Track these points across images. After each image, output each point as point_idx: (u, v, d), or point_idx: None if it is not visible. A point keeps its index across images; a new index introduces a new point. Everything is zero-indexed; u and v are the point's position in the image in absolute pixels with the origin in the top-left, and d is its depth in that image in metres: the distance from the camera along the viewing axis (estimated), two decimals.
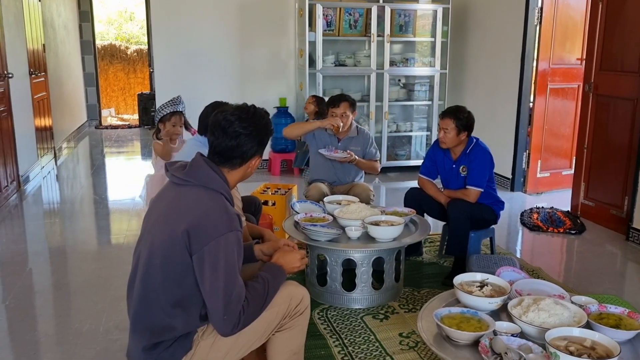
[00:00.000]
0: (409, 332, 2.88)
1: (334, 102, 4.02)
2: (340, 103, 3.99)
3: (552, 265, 4.01)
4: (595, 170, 4.82)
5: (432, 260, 3.92)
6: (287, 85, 6.65)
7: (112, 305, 3.24)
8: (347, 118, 4.01)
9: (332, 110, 4.02)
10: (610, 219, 4.64)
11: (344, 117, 3.99)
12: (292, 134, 4.12)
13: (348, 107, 4.00)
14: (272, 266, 2.03)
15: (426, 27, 6.51)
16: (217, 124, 1.94)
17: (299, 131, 4.11)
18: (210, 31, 6.37)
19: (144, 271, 1.86)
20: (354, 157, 3.96)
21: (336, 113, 3.99)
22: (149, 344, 1.86)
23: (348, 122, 4.04)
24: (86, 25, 10.58)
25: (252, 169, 2.04)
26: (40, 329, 3.01)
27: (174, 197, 1.91)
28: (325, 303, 3.21)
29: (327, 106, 4.11)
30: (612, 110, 4.64)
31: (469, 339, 1.99)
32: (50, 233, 4.66)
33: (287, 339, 2.06)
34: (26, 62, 6.20)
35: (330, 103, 4.07)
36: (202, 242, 1.78)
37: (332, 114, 4.00)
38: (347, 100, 4.02)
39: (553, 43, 5.42)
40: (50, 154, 7.10)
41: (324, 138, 4.09)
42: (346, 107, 3.99)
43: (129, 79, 12.84)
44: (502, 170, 5.84)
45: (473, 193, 3.58)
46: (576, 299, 2.27)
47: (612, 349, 1.84)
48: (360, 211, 3.30)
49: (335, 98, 4.06)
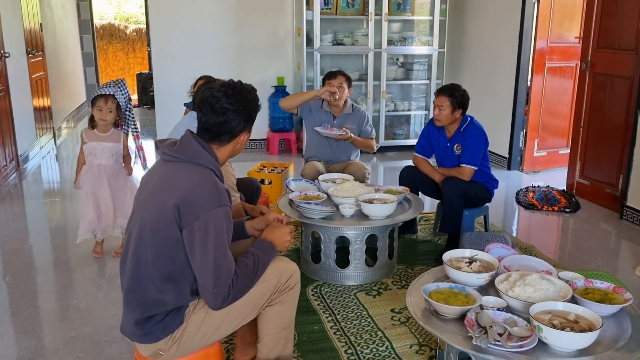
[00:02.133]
0: (401, 308, 2.93)
1: (330, 75, 4.10)
2: (336, 75, 4.07)
3: (546, 243, 4.04)
4: (591, 149, 4.83)
5: (427, 238, 3.95)
6: (285, 65, 6.63)
7: (109, 281, 3.29)
8: (343, 91, 4.04)
9: (328, 82, 4.07)
10: (605, 197, 4.66)
11: (340, 89, 4.03)
12: (290, 105, 4.10)
13: (344, 80, 4.06)
14: (262, 242, 2.07)
15: (424, 5, 6.46)
16: (205, 101, 1.96)
17: (295, 101, 4.09)
18: (207, 10, 6.34)
19: (135, 246, 1.90)
20: (350, 134, 3.98)
21: (332, 84, 4.03)
22: (141, 318, 1.90)
23: (344, 95, 4.06)
24: (84, 4, 10.49)
25: (241, 144, 2.06)
26: (40, 305, 3.06)
27: (163, 173, 1.94)
28: (319, 280, 3.26)
29: (323, 80, 4.18)
30: (608, 88, 4.63)
31: (456, 313, 2.02)
32: (49, 212, 4.70)
33: (277, 313, 2.10)
34: (23, 41, 6.18)
35: (326, 76, 4.14)
36: (192, 217, 1.81)
37: (329, 84, 4.05)
38: (343, 75, 4.09)
39: (551, 21, 5.39)
40: (49, 134, 7.11)
41: (320, 115, 4.11)
42: (342, 79, 4.05)
43: (128, 58, 12.81)
44: (499, 149, 5.86)
45: (467, 171, 3.60)
46: (563, 275, 2.30)
47: (595, 322, 1.87)
48: (354, 189, 3.32)
49: (331, 72, 4.14)
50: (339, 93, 3.99)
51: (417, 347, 2.59)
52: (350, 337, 2.68)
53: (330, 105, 4.10)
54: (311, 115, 4.12)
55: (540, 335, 1.83)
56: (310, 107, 4.12)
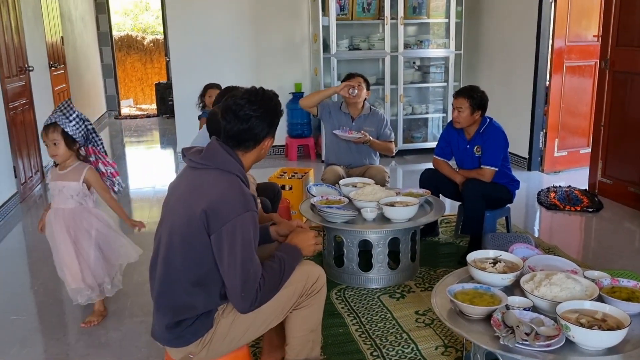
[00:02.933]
0: (425, 310, 2.93)
1: (348, 76, 4.16)
2: (354, 76, 4.12)
3: (570, 243, 4.02)
4: (613, 147, 4.79)
5: (449, 240, 3.95)
6: (302, 71, 6.68)
7: (136, 288, 3.34)
8: (362, 89, 4.07)
9: (346, 82, 4.10)
10: (628, 196, 4.62)
11: (359, 87, 4.06)
12: (309, 102, 4.16)
13: (362, 80, 4.10)
14: (287, 246, 2.09)
15: (440, 8, 6.46)
16: (228, 109, 2.00)
17: (315, 98, 4.16)
18: (224, 18, 6.42)
19: (165, 252, 1.94)
20: (368, 137, 4.00)
21: (351, 82, 4.06)
22: (172, 322, 1.94)
23: (362, 94, 4.09)
24: (103, 17, 10.69)
25: (265, 150, 2.10)
26: (68, 312, 3.13)
27: (191, 180, 1.98)
28: (343, 283, 3.28)
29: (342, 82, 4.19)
30: (629, 86, 4.59)
31: (482, 314, 2.03)
32: None
33: (304, 317, 2.12)
34: (46, 55, 6.31)
35: (344, 79, 4.18)
36: (219, 222, 1.84)
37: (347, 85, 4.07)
38: (361, 76, 4.14)
39: (569, 20, 5.36)
40: None
41: (338, 116, 4.14)
42: (360, 79, 4.09)
43: (146, 69, 12.96)
44: (519, 149, 5.83)
45: (488, 172, 3.60)
46: (589, 274, 2.29)
47: (623, 320, 1.87)
48: (375, 193, 3.34)
49: (349, 74, 4.20)
50: (357, 90, 4.03)
51: (442, 349, 2.60)
52: (376, 339, 2.69)
53: (349, 107, 4.12)
54: (330, 117, 4.15)
55: (568, 334, 1.84)
56: (330, 109, 4.15)
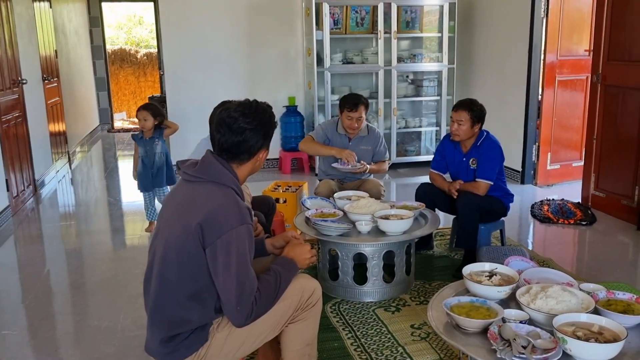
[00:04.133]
0: (421, 324, 2.92)
1: (351, 106, 3.95)
2: (357, 107, 3.94)
3: (564, 256, 4.02)
4: (605, 161, 4.82)
5: (443, 254, 3.95)
6: (295, 85, 6.70)
7: (129, 302, 3.31)
8: (362, 121, 4.01)
9: (348, 113, 3.96)
10: (621, 209, 4.64)
11: (360, 120, 3.98)
12: (307, 152, 4.41)
13: (364, 110, 3.98)
14: (283, 259, 2.09)
15: (433, 22, 6.53)
16: (222, 121, 2.00)
17: (312, 151, 4.29)
18: (218, 33, 6.44)
19: (160, 266, 1.92)
20: (367, 167, 3.99)
21: (352, 117, 3.96)
22: (167, 336, 1.92)
23: (362, 124, 4.05)
24: (96, 30, 10.69)
25: (260, 162, 2.09)
26: (60, 327, 3.09)
27: (186, 193, 1.97)
28: (338, 297, 3.26)
29: (341, 107, 4.03)
30: (620, 100, 4.64)
31: (478, 327, 2.02)
32: (66, 235, 4.75)
33: (300, 331, 2.11)
34: (39, 68, 6.30)
35: (345, 105, 3.98)
36: (214, 235, 1.83)
37: (348, 117, 3.97)
38: (364, 103, 3.98)
39: (560, 35, 5.42)
40: (64, 158, 7.21)
41: (335, 138, 4.12)
42: (362, 110, 3.97)
43: (139, 82, 12.97)
44: (512, 163, 5.85)
45: (483, 186, 3.60)
46: (584, 287, 2.29)
47: (620, 333, 1.86)
48: (370, 206, 3.34)
49: (352, 100, 3.98)
50: (357, 125, 3.99)
51: None
52: (371, 353, 2.68)
53: (346, 128, 4.10)
54: (329, 142, 4.14)
55: (565, 347, 1.83)
56: (327, 134, 4.12)
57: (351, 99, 3.99)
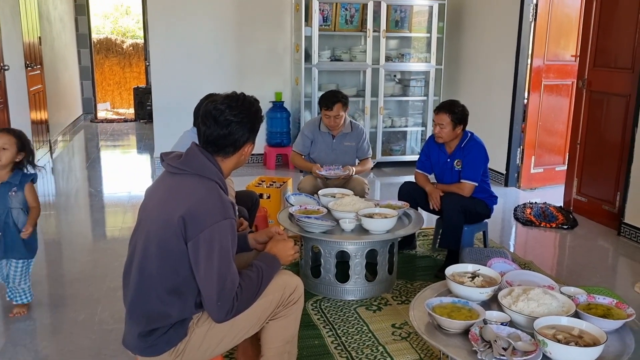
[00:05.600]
0: (402, 323, 2.92)
1: (327, 104, 3.95)
2: (333, 105, 3.93)
3: (544, 259, 4.05)
4: (588, 166, 4.86)
5: (426, 254, 3.95)
6: (283, 80, 6.67)
7: (107, 295, 3.26)
8: (341, 118, 4.00)
9: (325, 112, 3.97)
10: (602, 214, 4.68)
11: (338, 118, 3.98)
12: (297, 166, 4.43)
13: (341, 107, 3.96)
14: (266, 255, 2.06)
15: (422, 22, 6.53)
16: (208, 114, 1.97)
17: (297, 165, 4.41)
18: (207, 26, 6.38)
19: (140, 259, 1.89)
20: (352, 171, 4.00)
21: (330, 115, 3.97)
22: (145, 330, 1.89)
23: (341, 121, 4.04)
24: (82, 18, 10.55)
25: (245, 156, 2.07)
26: (37, 319, 3.03)
27: (169, 185, 1.94)
28: (319, 294, 3.25)
29: (319, 106, 4.05)
30: (605, 106, 4.68)
31: (460, 328, 2.02)
32: (45, 225, 4.66)
33: (280, 327, 2.09)
34: (22, 55, 6.18)
35: (322, 104, 3.99)
36: (197, 229, 1.80)
37: (326, 116, 3.98)
38: (340, 101, 3.95)
39: (548, 39, 5.46)
40: (45, 147, 7.09)
41: (318, 137, 4.12)
42: (339, 108, 3.95)
43: (124, 72, 12.82)
44: (497, 165, 5.88)
45: (467, 187, 3.61)
46: (565, 290, 2.30)
47: (599, 337, 1.87)
48: (354, 204, 3.33)
49: (328, 99, 3.97)
50: (336, 122, 3.99)
51: None
52: (352, 352, 2.67)
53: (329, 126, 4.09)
54: (315, 144, 4.14)
55: (545, 349, 1.83)
56: (313, 137, 4.13)
57: (328, 98, 3.97)
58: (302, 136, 4.19)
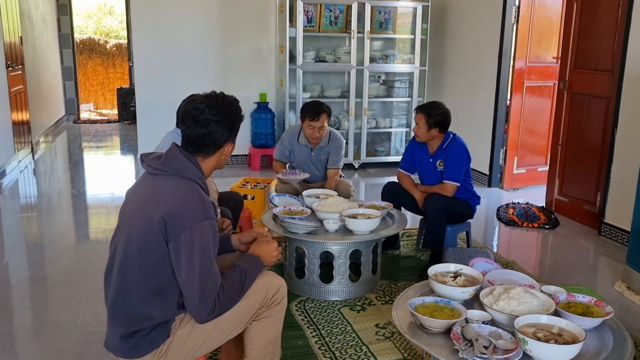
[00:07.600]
0: (385, 323, 2.93)
1: (312, 115, 3.90)
2: (319, 116, 3.89)
3: (527, 258, 4.09)
4: (569, 166, 4.92)
5: (410, 254, 3.97)
6: (267, 81, 6.67)
7: (90, 297, 3.24)
8: (324, 130, 3.99)
9: (310, 122, 3.92)
10: (583, 214, 4.74)
11: (322, 129, 3.96)
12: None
13: (326, 118, 3.94)
14: (249, 256, 2.06)
15: (406, 24, 6.57)
16: (188, 113, 1.97)
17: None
18: (191, 26, 6.36)
19: (122, 260, 1.88)
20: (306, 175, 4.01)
21: (314, 126, 3.93)
22: (127, 332, 1.88)
23: (324, 132, 4.01)
24: (65, 18, 10.45)
25: (225, 155, 2.07)
26: (17, 321, 3.00)
27: (150, 186, 1.93)
28: (303, 295, 3.25)
29: (302, 116, 3.98)
30: (585, 107, 4.74)
31: (442, 327, 2.03)
32: (27, 227, 4.62)
33: (264, 328, 2.09)
34: (2, 55, 6.12)
35: (307, 113, 3.93)
36: (178, 230, 1.80)
37: (310, 126, 3.93)
38: (325, 112, 3.93)
39: (530, 42, 5.52)
40: (27, 148, 7.02)
41: (296, 149, 4.12)
42: (324, 119, 3.93)
43: (108, 73, 12.71)
44: (480, 166, 5.93)
45: (450, 187, 3.64)
46: (545, 289, 2.33)
47: (578, 335, 1.90)
48: (338, 204, 3.34)
49: (312, 109, 3.92)
50: (319, 133, 3.96)
51: None
52: (335, 352, 2.67)
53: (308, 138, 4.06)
54: (293, 155, 4.14)
55: (525, 347, 1.85)
56: (291, 147, 4.11)
57: (313, 108, 3.92)
58: (281, 145, 4.16)
